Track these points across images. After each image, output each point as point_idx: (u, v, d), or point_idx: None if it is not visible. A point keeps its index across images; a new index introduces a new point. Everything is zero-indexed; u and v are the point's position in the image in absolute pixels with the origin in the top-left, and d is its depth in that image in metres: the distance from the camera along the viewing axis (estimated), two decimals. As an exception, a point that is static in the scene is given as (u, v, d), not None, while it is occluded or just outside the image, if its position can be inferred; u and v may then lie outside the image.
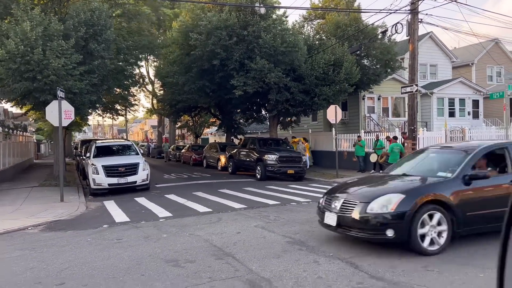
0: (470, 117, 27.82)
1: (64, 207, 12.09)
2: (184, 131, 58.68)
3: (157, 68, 25.97)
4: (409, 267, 5.45)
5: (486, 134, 21.72)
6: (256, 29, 18.55)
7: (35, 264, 6.23)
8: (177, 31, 20.11)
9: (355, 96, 24.62)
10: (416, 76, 15.27)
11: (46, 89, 14.17)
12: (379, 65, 22.31)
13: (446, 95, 27.10)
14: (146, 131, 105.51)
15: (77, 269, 5.86)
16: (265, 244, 6.93)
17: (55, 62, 13.53)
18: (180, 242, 7.27)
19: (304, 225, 8.37)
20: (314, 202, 11.64)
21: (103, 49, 15.63)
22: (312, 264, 5.70)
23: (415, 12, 14.91)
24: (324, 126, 27.99)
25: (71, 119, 13.52)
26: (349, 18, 21.62)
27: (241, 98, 20.77)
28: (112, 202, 12.87)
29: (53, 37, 14.08)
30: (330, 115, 18.59)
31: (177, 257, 6.29)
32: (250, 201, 11.97)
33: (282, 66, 19.04)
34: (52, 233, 8.83)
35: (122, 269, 5.76)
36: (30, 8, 14.20)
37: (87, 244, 7.50)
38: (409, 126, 15.39)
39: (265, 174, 18.06)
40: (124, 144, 18.20)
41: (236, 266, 5.73)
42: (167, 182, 18.66)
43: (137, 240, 7.57)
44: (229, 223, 8.82)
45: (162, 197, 13.57)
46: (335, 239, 7.06)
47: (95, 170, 14.74)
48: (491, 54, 31.02)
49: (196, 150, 30.83)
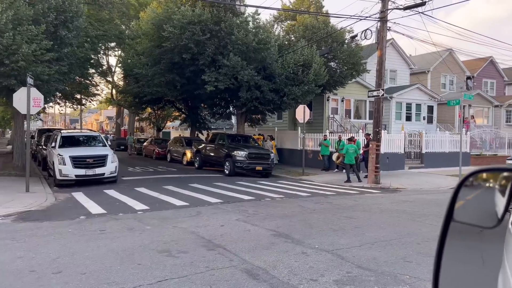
0: (425, 121, 29.42)
1: (32, 198, 11.73)
2: (143, 124, 57.60)
3: (122, 58, 25.37)
4: (391, 259, 5.91)
5: (442, 139, 23.11)
6: (228, 25, 18.69)
7: (22, 254, 6.14)
8: (149, 22, 19.81)
9: (320, 97, 25.34)
10: (383, 81, 16.05)
11: (13, 75, 13.63)
12: (345, 68, 23.10)
13: (404, 99, 28.50)
14: (101, 122, 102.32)
15: (69, 259, 5.86)
16: (251, 236, 7.20)
17: (25, 47, 13.05)
18: (167, 234, 7.39)
19: (284, 219, 8.71)
20: (287, 198, 12.09)
21: (73, 37, 15.22)
22: (301, 255, 6.04)
23: (384, 20, 15.65)
24: (289, 125, 28.59)
25: (39, 107, 13.10)
26: (319, 21, 22.22)
27: (211, 94, 20.84)
28: (81, 194, 12.63)
29: (23, 22, 13.56)
30: (299, 114, 19.13)
31: (168, 247, 6.42)
32: (225, 196, 12.18)
33: (254, 63, 19.31)
34: (26, 223, 8.63)
35: (116, 259, 5.83)
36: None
37: (70, 234, 7.43)
38: (374, 128, 16.14)
39: (234, 170, 18.30)
40: (90, 135, 17.79)
41: (229, 256, 5.96)
42: (133, 175, 18.44)
43: (121, 232, 7.60)
44: (210, 217, 9.01)
45: (133, 190, 13.45)
46: (317, 234, 7.45)
47: (61, 161, 14.34)
48: (446, 63, 32.90)
49: (160, 143, 30.50)
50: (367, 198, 12.47)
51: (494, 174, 1.73)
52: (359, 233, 7.54)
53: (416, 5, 14.45)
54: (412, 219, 9.06)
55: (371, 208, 10.47)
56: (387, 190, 14.61)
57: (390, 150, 20.61)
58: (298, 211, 9.74)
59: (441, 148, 22.83)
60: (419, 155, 22.42)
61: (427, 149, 22.31)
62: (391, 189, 14.96)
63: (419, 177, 18.62)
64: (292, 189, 14.09)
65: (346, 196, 12.73)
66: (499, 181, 1.66)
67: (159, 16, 18.94)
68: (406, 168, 21.17)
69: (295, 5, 24.75)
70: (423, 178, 18.29)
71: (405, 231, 7.78)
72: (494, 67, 37.30)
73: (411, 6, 14.62)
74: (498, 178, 1.67)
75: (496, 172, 1.72)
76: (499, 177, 1.67)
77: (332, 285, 4.85)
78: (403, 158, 21.35)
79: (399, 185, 15.71)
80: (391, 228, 8.00)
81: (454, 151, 22.44)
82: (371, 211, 10.02)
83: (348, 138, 18.13)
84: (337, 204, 10.95)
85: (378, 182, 15.78)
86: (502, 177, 1.65)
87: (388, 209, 10.36)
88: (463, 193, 1.64)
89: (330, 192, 13.47)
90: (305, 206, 10.48)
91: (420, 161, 22.23)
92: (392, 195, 13.29)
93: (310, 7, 24.21)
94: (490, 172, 1.75)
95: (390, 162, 20.22)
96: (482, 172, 1.72)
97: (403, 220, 8.97)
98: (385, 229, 7.90)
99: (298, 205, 10.66)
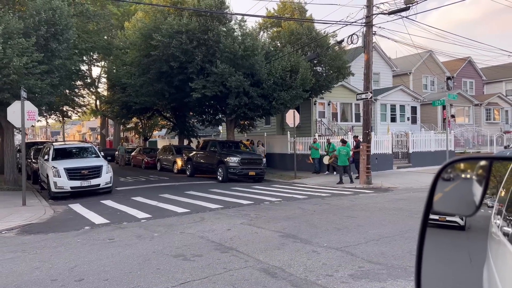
0: (409, 122, 30.13)
1: (29, 211, 11.71)
2: (128, 134, 57.21)
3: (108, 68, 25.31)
4: (398, 253, 6.20)
5: (427, 138, 23.74)
6: (216, 33, 18.94)
7: (37, 264, 6.22)
8: (137, 32, 19.90)
9: (307, 101, 25.71)
10: (371, 83, 16.51)
11: (5, 88, 13.58)
12: (331, 72, 23.55)
13: (389, 101, 29.16)
14: (84, 134, 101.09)
15: (87, 267, 5.97)
16: (260, 238, 7.41)
17: (16, 60, 13.04)
18: (176, 239, 7.54)
19: (288, 221, 8.95)
20: (285, 201, 12.34)
21: (63, 49, 15.24)
22: (313, 254, 6.28)
23: (370, 25, 16.13)
24: (277, 130, 28.90)
25: (34, 120, 13.08)
26: (303, 27, 22.65)
27: (199, 101, 21.01)
28: (79, 205, 12.65)
29: (13, 35, 13.55)
30: (289, 119, 19.46)
31: (182, 252, 6.58)
32: (224, 202, 12.35)
33: (242, 70, 19.56)
34: (31, 236, 8.66)
35: (134, 265, 5.97)
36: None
37: (79, 244, 7.52)
38: (364, 130, 16.55)
39: (227, 176, 18.47)
40: (83, 146, 17.77)
41: (243, 257, 6.16)
42: (126, 185, 18.42)
43: (131, 239, 7.71)
44: (215, 222, 9.18)
45: (130, 200, 13.50)
46: (323, 233, 7.71)
47: (56, 173, 14.31)
48: (426, 64, 33.81)
49: (148, 153, 30.46)
50: (363, 198, 12.81)
51: (471, 164, 1.75)
52: (362, 231, 7.82)
53: (400, 10, 14.96)
54: (410, 215, 9.40)
55: (368, 207, 10.80)
56: (379, 190, 15.00)
57: (379, 151, 21.09)
58: (299, 213, 9.99)
59: (427, 147, 23.45)
60: (407, 155, 22.99)
61: (413, 149, 22.90)
62: (383, 188, 15.35)
63: (408, 176, 19.11)
64: (287, 192, 14.34)
65: (342, 197, 13.05)
66: (476, 171, 1.69)
67: (147, 26, 19.06)
68: (394, 168, 21.68)
69: (279, 11, 25.17)
70: (412, 177, 18.78)
71: (406, 227, 8.10)
72: (473, 67, 38.45)
73: (396, 11, 15.13)
74: (475, 168, 1.70)
75: (472, 162, 1.75)
76: (476, 167, 1.70)
77: (348, 279, 5.10)
78: (391, 158, 21.87)
79: (390, 185, 16.13)
80: (392, 225, 8.32)
81: (439, 149, 23.11)
82: (369, 210, 10.34)
83: (341, 140, 18.53)
84: (335, 205, 11.24)
85: (370, 183, 16.17)
86: (478, 166, 1.69)
87: (385, 207, 10.71)
88: (441, 184, 1.65)
89: (325, 194, 13.77)
90: (305, 208, 10.74)
91: (408, 161, 22.79)
92: (386, 194, 13.67)
93: (294, 14, 24.63)
94: (467, 161, 1.77)
95: (379, 162, 20.68)
96: (459, 162, 1.73)
97: (402, 217, 9.31)
98: (386, 226, 8.21)
99: (298, 207, 10.91)
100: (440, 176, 1.65)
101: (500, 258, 1.54)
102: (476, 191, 1.63)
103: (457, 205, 1.75)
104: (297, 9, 26.08)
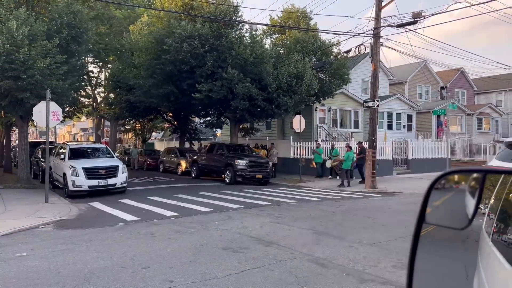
0: (405, 130, 31.05)
1: (55, 208, 12.10)
2: (122, 136, 57.29)
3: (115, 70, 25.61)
4: (427, 248, 6.83)
5: (426, 145, 24.62)
6: (229, 40, 19.52)
7: (97, 255, 6.68)
8: (148, 35, 20.40)
9: (309, 107, 26.42)
10: (377, 92, 17.23)
11: (29, 88, 13.96)
12: (333, 79, 24.30)
13: (386, 109, 30.02)
14: (75, 134, 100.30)
15: (145, 257, 6.46)
16: (295, 234, 7.98)
17: (40, 62, 13.44)
18: (215, 235, 8.06)
19: (313, 220, 9.53)
20: (300, 202, 12.92)
21: (84, 51, 15.68)
22: (351, 248, 6.88)
23: (377, 36, 16.88)
24: (278, 134, 29.52)
25: (58, 120, 13.49)
26: (309, 35, 23.38)
27: (204, 104, 21.50)
28: (99, 203, 13.02)
29: (37, 37, 13.95)
30: (295, 124, 20.14)
31: (228, 245, 7.11)
32: (241, 202, 12.88)
33: (250, 76, 20.15)
34: (70, 231, 9.06)
35: (189, 255, 6.47)
36: (14, 7, 13.96)
37: (124, 238, 7.98)
38: (370, 137, 17.27)
39: (235, 179, 18.98)
40: (97, 147, 18.12)
41: (288, 250, 6.72)
42: (136, 186, 18.77)
43: (171, 234, 8.21)
44: (243, 220, 9.72)
45: (147, 199, 13.90)
46: (351, 231, 8.32)
47: (74, 172, 14.69)
48: (421, 74, 34.88)
49: (150, 154, 30.81)
50: (374, 201, 13.48)
51: (464, 176, 1.73)
52: (387, 229, 8.46)
53: (408, 23, 15.74)
54: (424, 217, 10.05)
55: (383, 209, 11.46)
56: (386, 194, 15.69)
57: (380, 157, 21.81)
58: (320, 214, 10.59)
59: (425, 154, 24.32)
60: (406, 161, 23.80)
61: (412, 155, 23.73)
62: (389, 193, 16.04)
63: (409, 181, 19.88)
64: (298, 195, 14.94)
65: (354, 200, 13.69)
66: (469, 183, 1.67)
67: (160, 31, 19.56)
68: (394, 173, 22.46)
69: (282, 19, 25.86)
70: (413, 182, 19.55)
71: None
72: (465, 78, 39.68)
73: (404, 24, 15.90)
74: (468, 180, 1.68)
75: (465, 174, 1.74)
76: (469, 179, 1.69)
77: (392, 269, 5.71)
78: (392, 164, 22.65)
79: (395, 189, 16.84)
80: (413, 225, 8.93)
81: (437, 157, 24.01)
82: (385, 211, 11.00)
83: (346, 145, 19.30)
84: (351, 207, 11.88)
85: (375, 187, 16.87)
86: (471, 178, 1.67)
87: (399, 209, 11.38)
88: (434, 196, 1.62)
89: (337, 197, 14.41)
90: (323, 209, 11.34)
91: (407, 167, 23.61)
92: (394, 198, 14.37)
93: (300, 22, 25.34)
94: (460, 173, 1.74)
95: (380, 168, 21.37)
96: (453, 174, 1.70)
97: (417, 218, 9.96)
98: (408, 227, 8.84)
99: (317, 209, 11.51)
100: (433, 188, 1.62)
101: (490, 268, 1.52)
102: (469, 204, 1.62)
103: (449, 218, 1.75)
104: (302, 18, 26.79)
